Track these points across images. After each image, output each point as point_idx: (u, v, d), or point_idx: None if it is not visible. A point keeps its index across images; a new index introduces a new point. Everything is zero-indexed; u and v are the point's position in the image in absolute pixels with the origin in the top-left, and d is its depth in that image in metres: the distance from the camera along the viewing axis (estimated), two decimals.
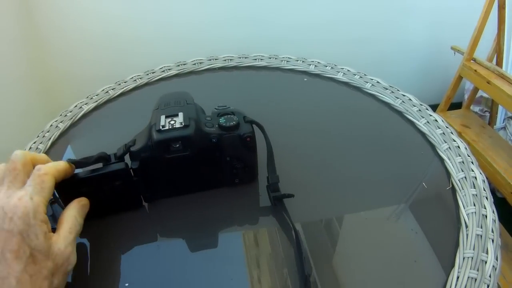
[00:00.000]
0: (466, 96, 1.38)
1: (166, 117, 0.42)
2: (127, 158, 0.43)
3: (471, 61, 1.18)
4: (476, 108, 1.40)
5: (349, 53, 1.34)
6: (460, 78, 1.22)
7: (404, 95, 0.63)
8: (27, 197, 0.34)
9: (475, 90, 1.29)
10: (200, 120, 0.43)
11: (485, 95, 1.38)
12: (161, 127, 0.41)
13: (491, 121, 1.33)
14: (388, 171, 0.51)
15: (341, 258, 0.43)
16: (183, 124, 0.41)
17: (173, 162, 0.43)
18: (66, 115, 0.64)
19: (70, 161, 0.41)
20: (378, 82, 0.66)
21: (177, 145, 0.42)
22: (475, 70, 1.13)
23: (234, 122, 0.44)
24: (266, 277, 0.41)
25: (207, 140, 0.43)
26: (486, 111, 1.39)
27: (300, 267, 0.40)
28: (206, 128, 0.43)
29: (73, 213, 0.39)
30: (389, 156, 0.54)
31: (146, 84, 0.70)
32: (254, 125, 0.46)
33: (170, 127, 0.41)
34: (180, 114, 0.42)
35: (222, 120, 0.44)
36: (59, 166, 0.38)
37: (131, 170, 0.43)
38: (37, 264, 0.33)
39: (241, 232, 0.46)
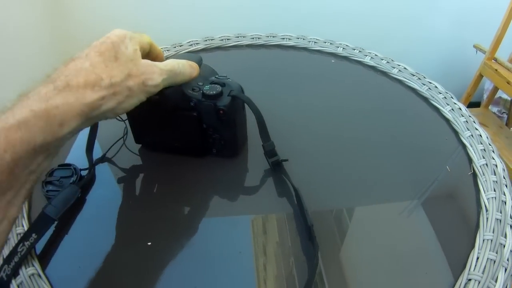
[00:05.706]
0: (485, 96, 1.37)
1: None
2: None
3: (493, 60, 1.17)
4: (494, 109, 1.40)
5: (372, 45, 1.33)
6: (480, 76, 1.21)
7: (430, 82, 0.63)
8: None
9: (495, 89, 1.28)
10: (190, 83, 0.44)
11: (504, 96, 1.37)
12: None
13: (509, 122, 1.32)
14: (411, 155, 0.52)
15: (362, 237, 0.44)
16: None
17: (151, 104, 0.40)
18: None
19: None
20: (405, 68, 0.66)
21: None
22: (496, 70, 1.13)
23: (214, 92, 0.44)
24: (272, 242, 0.42)
25: (185, 102, 0.44)
26: (504, 112, 1.38)
27: (304, 220, 0.42)
28: (189, 91, 0.44)
29: (175, 61, 0.40)
30: (413, 140, 0.55)
31: (173, 56, 0.70)
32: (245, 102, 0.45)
33: None
34: None
35: (206, 87, 0.44)
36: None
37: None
38: (117, 61, 0.34)
39: (246, 200, 0.47)
